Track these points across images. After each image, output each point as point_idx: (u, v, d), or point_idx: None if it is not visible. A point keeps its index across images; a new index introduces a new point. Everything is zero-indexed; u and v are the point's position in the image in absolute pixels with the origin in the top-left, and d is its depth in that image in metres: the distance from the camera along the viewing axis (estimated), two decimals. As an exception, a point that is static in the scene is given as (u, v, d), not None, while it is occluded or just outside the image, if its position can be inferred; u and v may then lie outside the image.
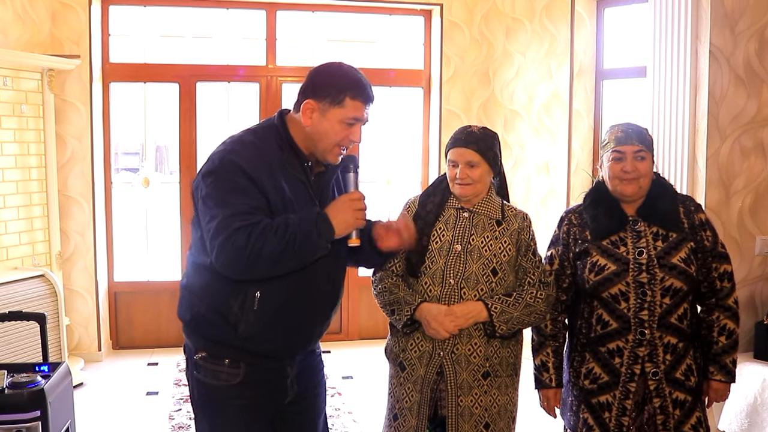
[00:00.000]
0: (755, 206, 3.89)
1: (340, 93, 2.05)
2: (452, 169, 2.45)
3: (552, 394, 2.58)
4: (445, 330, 2.34)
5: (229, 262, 1.94)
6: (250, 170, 1.97)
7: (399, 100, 6.16)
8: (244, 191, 1.96)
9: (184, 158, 5.75)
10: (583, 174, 5.27)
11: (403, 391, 2.46)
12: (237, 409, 2.12)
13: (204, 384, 2.14)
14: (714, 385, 2.48)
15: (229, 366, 2.09)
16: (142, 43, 5.71)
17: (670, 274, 2.36)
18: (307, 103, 2.07)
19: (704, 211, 2.51)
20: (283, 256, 1.93)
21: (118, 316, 5.76)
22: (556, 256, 2.56)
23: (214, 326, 2.08)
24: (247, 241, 1.90)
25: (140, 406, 4.56)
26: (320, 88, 2.07)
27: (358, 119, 2.09)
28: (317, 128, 2.07)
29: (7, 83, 4.64)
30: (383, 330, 5.27)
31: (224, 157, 2.01)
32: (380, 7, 5.93)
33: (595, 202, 2.51)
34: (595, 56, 5.29)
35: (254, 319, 2.04)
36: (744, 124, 3.84)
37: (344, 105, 2.06)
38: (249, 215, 1.93)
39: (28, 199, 4.88)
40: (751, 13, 3.79)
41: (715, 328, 2.47)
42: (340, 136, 2.08)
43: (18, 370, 3.01)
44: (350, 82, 2.08)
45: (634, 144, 2.40)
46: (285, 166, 2.06)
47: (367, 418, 4.35)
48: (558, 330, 2.57)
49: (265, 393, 2.15)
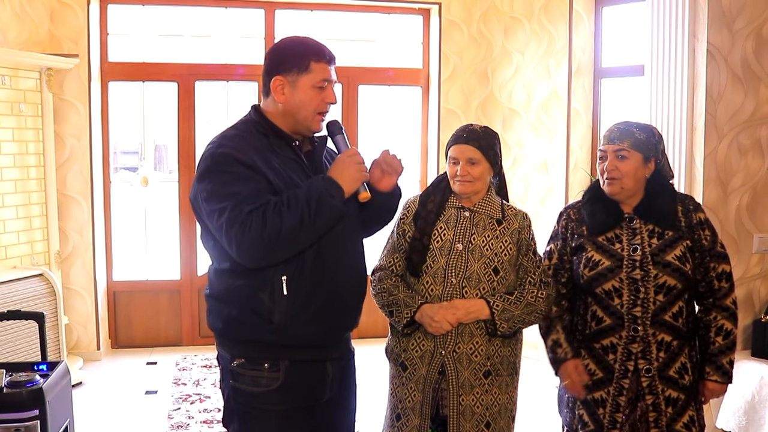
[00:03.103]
0: (753, 204, 3.90)
1: (304, 60, 2.07)
2: (453, 167, 2.45)
3: (572, 367, 2.48)
4: (447, 321, 2.34)
5: (249, 248, 1.92)
6: (244, 157, 1.99)
7: (397, 99, 6.17)
8: (245, 177, 1.97)
9: (183, 157, 5.75)
10: (582, 172, 5.28)
11: (406, 391, 2.46)
12: (276, 415, 2.10)
13: (243, 392, 2.11)
14: (710, 385, 2.48)
15: (269, 370, 2.08)
16: (141, 42, 5.71)
17: (663, 271, 2.37)
18: (275, 80, 2.09)
19: (704, 210, 2.50)
20: (302, 227, 1.93)
21: (116, 316, 5.76)
22: (555, 251, 2.58)
23: (248, 326, 2.06)
24: (263, 222, 1.89)
25: (139, 406, 4.56)
26: (283, 62, 2.09)
27: (328, 80, 2.10)
28: (292, 101, 2.09)
29: (5, 82, 4.64)
30: (382, 329, 5.28)
31: (214, 152, 2.02)
32: (379, 6, 5.93)
33: (593, 199, 2.52)
34: (594, 55, 5.30)
35: (287, 304, 2.03)
36: (741, 123, 3.85)
37: (311, 70, 2.07)
38: (256, 198, 1.93)
39: (27, 199, 4.88)
40: (749, 12, 3.80)
41: (712, 328, 2.47)
42: (315, 102, 2.09)
43: (16, 369, 3.01)
44: (309, 47, 2.10)
45: (615, 143, 2.41)
46: (274, 149, 2.08)
47: (366, 416, 4.35)
48: (563, 311, 2.57)
49: (304, 395, 2.13)
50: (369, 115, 6.07)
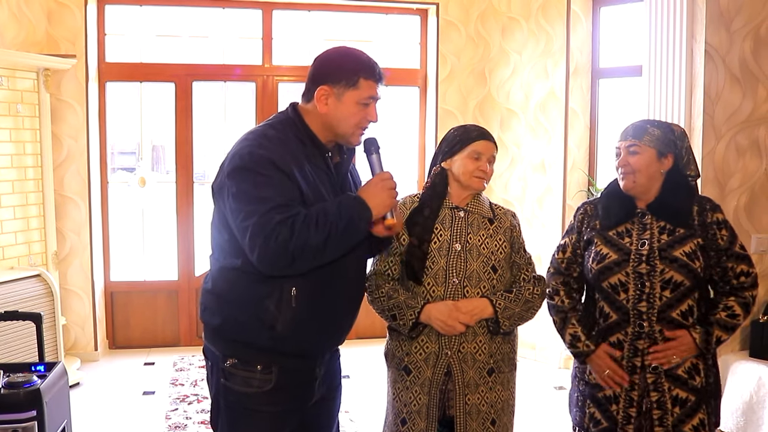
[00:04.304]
0: (750, 205, 3.90)
1: (354, 75, 2.05)
2: (474, 161, 2.44)
3: (602, 356, 2.43)
4: (460, 322, 2.34)
5: (272, 257, 1.91)
6: (282, 163, 1.96)
7: (395, 100, 6.17)
8: (279, 184, 1.94)
9: (181, 158, 5.74)
10: (579, 173, 5.28)
11: (411, 395, 2.45)
12: (267, 416, 2.11)
13: (234, 392, 2.12)
14: (683, 334, 2.37)
15: (261, 372, 2.08)
16: (138, 42, 5.70)
17: (670, 266, 2.36)
18: (321, 89, 2.06)
19: (722, 212, 2.47)
20: (327, 245, 1.92)
21: (114, 316, 5.76)
22: (569, 244, 2.60)
23: (248, 330, 2.06)
24: (291, 234, 1.88)
25: (137, 406, 4.55)
26: (332, 73, 2.06)
27: (373, 98, 2.10)
28: (335, 113, 2.07)
29: (2, 83, 4.63)
30: (380, 330, 5.28)
31: (254, 152, 1.98)
32: (376, 6, 5.93)
33: (610, 194, 2.54)
34: (591, 55, 5.30)
35: (291, 316, 2.03)
36: (739, 123, 3.85)
37: (359, 86, 2.06)
38: (287, 207, 1.91)
39: (24, 199, 4.87)
40: (747, 12, 3.80)
41: (720, 305, 2.43)
42: (358, 118, 2.08)
43: (14, 369, 3.00)
44: (361, 63, 2.08)
45: (628, 139, 2.44)
46: (309, 157, 2.06)
47: (364, 417, 4.36)
48: (576, 302, 2.58)
49: (294, 397, 2.14)
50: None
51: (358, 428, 4.21)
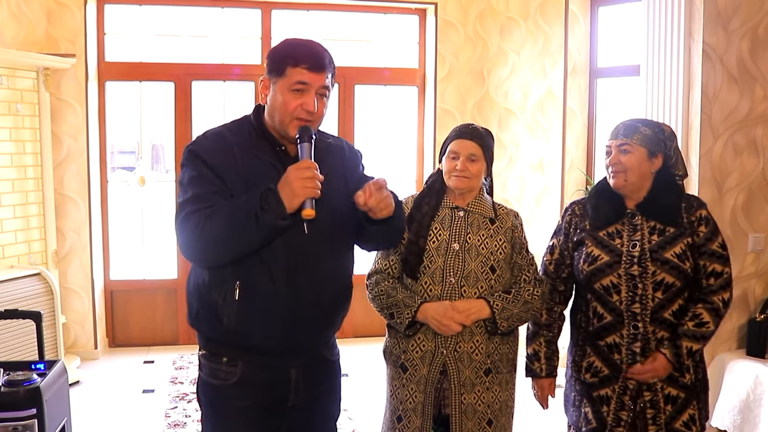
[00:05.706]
0: (748, 204, 3.91)
1: (282, 63, 2.04)
2: (452, 161, 2.46)
3: (546, 384, 2.62)
4: (456, 322, 2.35)
5: (184, 246, 2.00)
6: (207, 157, 2.03)
7: (394, 99, 6.18)
8: (203, 178, 2.01)
9: (180, 157, 5.74)
10: (578, 172, 5.30)
11: (407, 393, 2.46)
12: (238, 410, 2.11)
13: (206, 383, 2.16)
14: (657, 357, 2.38)
15: (227, 364, 2.10)
16: (138, 42, 5.71)
17: (662, 268, 2.37)
18: (261, 81, 2.11)
19: (707, 209, 2.47)
20: (232, 235, 1.92)
21: (114, 315, 5.77)
22: (557, 246, 2.60)
23: (207, 322, 2.09)
24: (196, 225, 1.94)
25: (136, 404, 4.56)
26: (268, 65, 2.09)
27: (303, 83, 2.02)
28: (272, 103, 2.08)
29: (2, 82, 4.64)
30: (379, 328, 5.29)
31: (185, 148, 2.10)
32: (375, 6, 5.94)
33: (599, 193, 2.54)
34: (589, 55, 5.31)
35: (237, 310, 2.02)
36: (737, 123, 3.86)
37: (286, 73, 2.03)
38: (204, 200, 1.97)
39: (24, 198, 4.89)
40: (744, 12, 3.81)
41: (689, 314, 2.41)
42: (292, 106, 2.03)
43: (14, 368, 3.02)
44: (292, 50, 2.05)
45: (619, 138, 2.44)
46: (253, 151, 2.07)
47: (363, 415, 4.37)
48: (553, 320, 2.60)
49: (265, 394, 2.12)
50: (365, 115, 6.08)
51: (356, 426, 4.23)
